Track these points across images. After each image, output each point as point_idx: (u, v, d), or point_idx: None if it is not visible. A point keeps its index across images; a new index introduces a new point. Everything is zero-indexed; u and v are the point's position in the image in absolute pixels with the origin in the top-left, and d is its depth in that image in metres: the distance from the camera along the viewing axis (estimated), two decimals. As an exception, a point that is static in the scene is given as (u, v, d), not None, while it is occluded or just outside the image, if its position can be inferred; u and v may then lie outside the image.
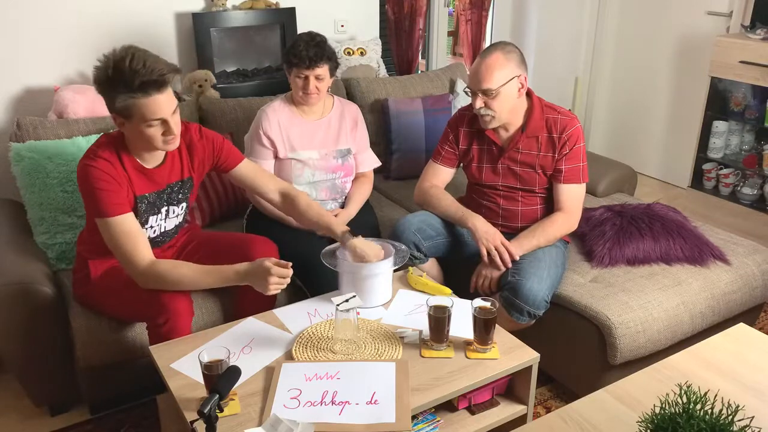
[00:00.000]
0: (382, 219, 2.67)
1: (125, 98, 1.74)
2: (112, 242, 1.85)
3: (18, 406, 2.28)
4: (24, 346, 2.04)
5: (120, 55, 1.74)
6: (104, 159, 1.84)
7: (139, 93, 1.73)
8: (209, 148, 2.05)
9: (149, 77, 1.73)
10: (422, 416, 1.73)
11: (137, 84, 1.72)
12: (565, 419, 1.47)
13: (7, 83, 2.70)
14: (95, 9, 2.80)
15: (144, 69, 1.72)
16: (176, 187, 2.02)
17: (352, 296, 1.78)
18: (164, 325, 1.86)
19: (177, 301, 1.87)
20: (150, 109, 1.76)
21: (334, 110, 2.52)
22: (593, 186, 2.90)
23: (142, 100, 1.74)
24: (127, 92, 1.73)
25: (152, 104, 1.76)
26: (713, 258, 2.36)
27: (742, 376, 1.61)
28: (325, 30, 2.83)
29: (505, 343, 1.81)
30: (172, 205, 2.04)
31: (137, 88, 1.73)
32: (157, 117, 1.78)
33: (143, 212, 1.94)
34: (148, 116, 1.77)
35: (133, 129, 1.81)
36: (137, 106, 1.75)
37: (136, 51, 1.76)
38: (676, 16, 4.09)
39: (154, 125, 1.79)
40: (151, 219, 1.98)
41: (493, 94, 2.15)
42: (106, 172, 1.82)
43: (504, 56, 2.16)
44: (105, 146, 1.87)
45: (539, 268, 2.13)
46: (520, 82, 2.19)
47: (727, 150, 3.74)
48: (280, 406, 1.55)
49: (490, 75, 2.14)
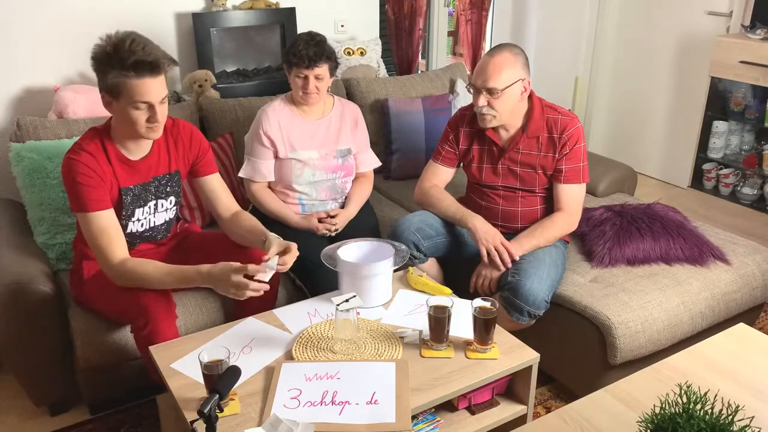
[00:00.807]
0: (382, 219, 2.67)
1: (117, 74, 1.75)
2: (89, 237, 1.88)
3: (18, 406, 2.28)
4: (24, 346, 2.04)
5: (122, 36, 1.77)
6: (88, 153, 1.85)
7: (131, 72, 1.75)
8: (194, 148, 2.07)
9: (145, 58, 1.74)
10: (422, 416, 1.73)
11: (131, 62, 1.73)
12: (565, 419, 1.47)
13: (7, 83, 2.70)
14: (95, 9, 2.80)
15: (142, 51, 1.75)
16: (164, 180, 2.03)
17: (352, 296, 1.78)
18: (145, 327, 1.85)
19: (156, 303, 1.87)
20: (139, 90, 1.77)
21: (335, 110, 2.52)
22: (593, 186, 2.90)
23: (133, 80, 1.75)
24: (120, 69, 1.75)
25: (142, 86, 1.77)
26: (713, 258, 2.36)
27: (742, 376, 1.61)
28: (325, 30, 2.84)
29: (505, 343, 1.81)
30: (160, 199, 2.04)
31: (130, 66, 1.74)
32: (144, 100, 1.79)
33: (128, 204, 1.94)
34: (135, 97, 1.77)
35: (119, 110, 1.82)
36: (127, 86, 1.76)
37: (138, 36, 1.79)
38: (676, 16, 4.09)
39: (140, 108, 1.80)
40: (137, 212, 1.98)
41: (497, 94, 2.15)
42: (88, 167, 1.83)
43: (513, 57, 2.16)
44: (90, 139, 1.89)
45: (539, 268, 2.13)
46: (524, 85, 2.19)
47: (727, 150, 3.74)
48: (280, 406, 1.55)
49: (498, 74, 2.13)
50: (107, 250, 1.86)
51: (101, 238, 1.85)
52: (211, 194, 2.15)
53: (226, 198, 2.16)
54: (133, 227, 2.00)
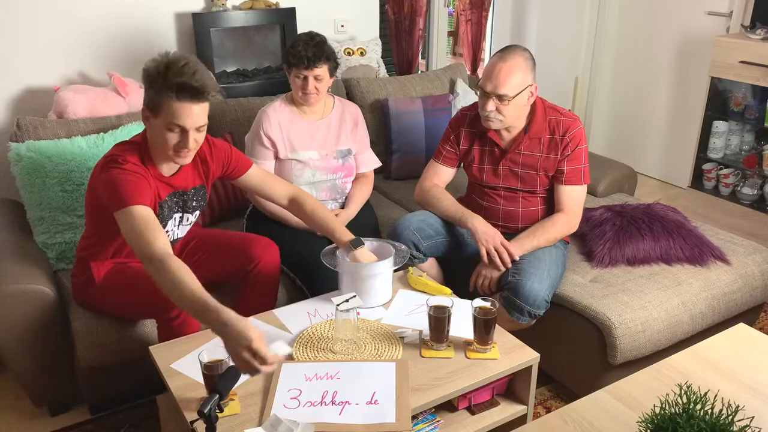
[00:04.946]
0: (382, 219, 2.67)
1: (160, 92, 1.75)
2: (132, 230, 1.72)
3: (18, 406, 2.28)
4: (24, 346, 2.04)
5: (178, 56, 1.77)
6: (134, 164, 1.83)
7: (174, 93, 1.74)
8: (219, 158, 2.05)
9: (191, 82, 1.73)
10: (422, 416, 1.73)
11: (176, 83, 1.73)
12: (565, 419, 1.47)
13: (7, 83, 2.70)
14: (95, 9, 2.80)
15: (191, 75, 1.74)
16: (190, 194, 2.02)
17: (352, 296, 1.78)
18: (176, 318, 1.86)
19: None
20: (177, 113, 1.76)
21: (335, 110, 2.52)
22: (593, 186, 2.90)
23: (173, 102, 1.75)
24: (165, 88, 1.74)
25: (180, 109, 1.75)
26: (713, 258, 2.36)
27: (742, 376, 1.60)
28: (325, 30, 2.84)
29: (505, 343, 1.81)
30: (186, 213, 2.04)
31: (174, 87, 1.73)
32: (179, 123, 1.77)
33: (162, 219, 1.93)
34: (171, 119, 1.77)
35: (155, 126, 1.81)
36: (165, 106, 1.76)
37: (194, 60, 1.79)
38: (676, 16, 4.09)
39: (173, 131, 1.79)
40: (167, 225, 1.98)
41: (507, 101, 2.13)
42: (137, 173, 1.82)
43: (524, 62, 2.14)
44: (130, 153, 1.85)
45: (539, 268, 2.13)
46: (531, 91, 2.18)
47: (727, 150, 3.74)
48: (280, 406, 1.55)
49: (509, 80, 2.11)
50: (153, 239, 1.69)
51: (146, 227, 1.71)
52: (258, 187, 2.16)
53: (275, 184, 2.17)
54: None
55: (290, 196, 2.17)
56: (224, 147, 2.07)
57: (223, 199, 2.67)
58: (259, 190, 2.17)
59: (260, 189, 2.16)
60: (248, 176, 2.12)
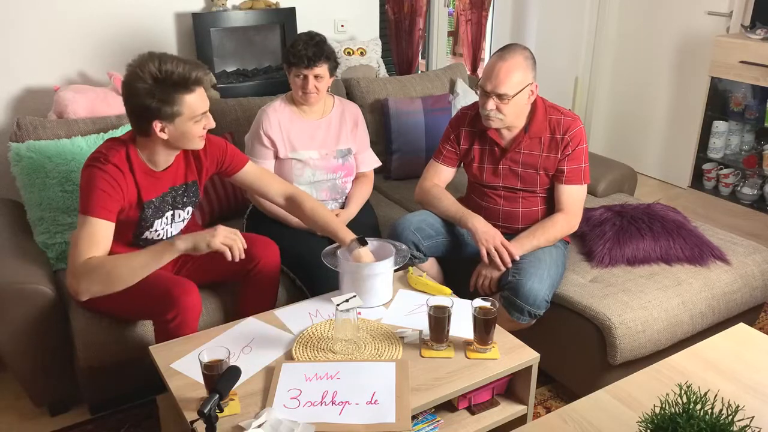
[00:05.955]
0: (382, 219, 2.67)
1: (167, 96, 1.77)
2: (76, 236, 1.79)
3: (18, 406, 2.28)
4: (24, 346, 2.04)
5: (147, 58, 1.79)
6: (114, 165, 1.83)
7: (183, 89, 1.78)
8: (214, 154, 2.05)
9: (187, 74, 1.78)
10: (422, 416, 1.73)
11: (178, 81, 1.77)
12: (565, 419, 1.47)
13: (7, 83, 2.70)
14: (95, 9, 2.80)
15: (179, 66, 1.78)
16: (180, 190, 2.02)
17: (352, 296, 1.78)
18: (173, 320, 1.86)
19: (188, 296, 1.87)
20: (194, 104, 1.81)
21: (335, 110, 2.52)
22: (593, 186, 2.90)
23: (187, 95, 1.80)
24: (173, 91, 1.77)
25: (196, 98, 1.82)
26: (713, 258, 2.36)
27: (742, 376, 1.61)
28: (325, 30, 2.84)
29: (505, 343, 1.81)
30: (177, 209, 2.03)
31: (181, 83, 1.77)
32: (202, 111, 1.84)
33: (149, 217, 1.94)
34: (194, 112, 1.81)
35: (177, 129, 1.83)
36: (180, 103, 1.79)
37: (158, 55, 1.80)
38: (676, 16, 4.09)
39: (199, 121, 1.85)
40: (156, 223, 1.98)
41: (507, 100, 2.14)
42: (115, 179, 1.82)
43: (524, 61, 2.14)
44: (115, 150, 1.85)
45: (540, 268, 2.13)
46: (531, 89, 2.18)
47: (727, 150, 3.74)
48: (280, 406, 1.55)
49: (509, 79, 2.11)
50: (82, 253, 1.75)
51: (87, 241, 1.77)
52: (254, 185, 2.16)
53: (271, 182, 2.18)
54: (149, 235, 2.00)
55: (287, 194, 2.17)
56: (219, 143, 2.07)
57: (222, 199, 2.67)
58: (256, 187, 2.16)
59: (256, 186, 2.16)
60: (244, 173, 2.12)
